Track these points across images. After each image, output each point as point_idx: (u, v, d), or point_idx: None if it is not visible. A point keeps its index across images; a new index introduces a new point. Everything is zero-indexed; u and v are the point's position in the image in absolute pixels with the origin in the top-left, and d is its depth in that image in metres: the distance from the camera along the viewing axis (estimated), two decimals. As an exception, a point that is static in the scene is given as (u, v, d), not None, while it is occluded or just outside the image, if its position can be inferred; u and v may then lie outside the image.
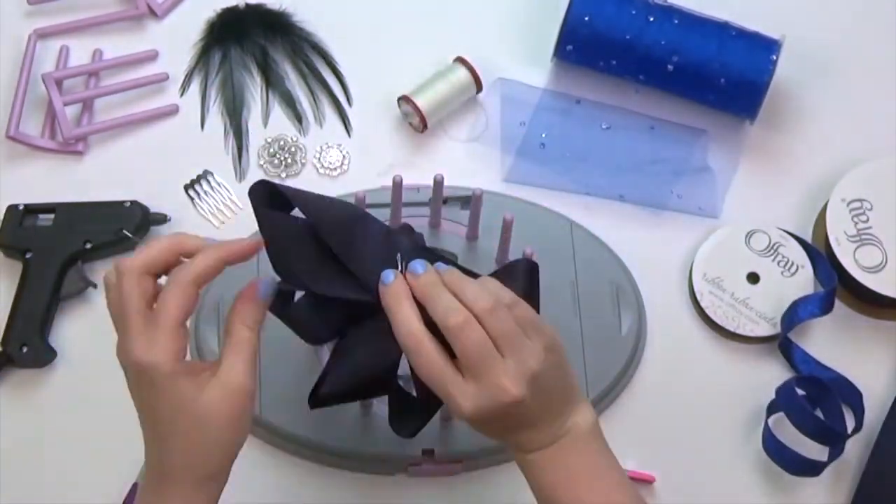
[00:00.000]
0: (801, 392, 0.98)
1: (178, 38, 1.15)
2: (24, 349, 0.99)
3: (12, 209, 1.05)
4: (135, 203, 1.05)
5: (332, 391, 0.77)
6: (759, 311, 1.03)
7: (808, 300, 1.02)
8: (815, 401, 0.99)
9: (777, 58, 1.06)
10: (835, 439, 0.96)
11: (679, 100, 1.11)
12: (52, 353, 1.00)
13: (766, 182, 1.10)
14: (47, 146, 1.09)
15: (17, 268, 1.03)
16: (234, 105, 1.11)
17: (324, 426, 0.97)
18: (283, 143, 1.10)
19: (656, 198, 1.08)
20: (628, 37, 1.07)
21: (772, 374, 1.02)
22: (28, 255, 1.02)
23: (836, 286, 1.01)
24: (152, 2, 1.15)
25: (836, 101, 1.13)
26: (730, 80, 1.07)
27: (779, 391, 0.98)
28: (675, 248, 1.07)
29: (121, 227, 1.03)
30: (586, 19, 1.08)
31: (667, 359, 1.03)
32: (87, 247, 1.03)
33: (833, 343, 1.03)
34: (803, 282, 1.04)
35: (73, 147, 1.09)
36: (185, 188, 1.08)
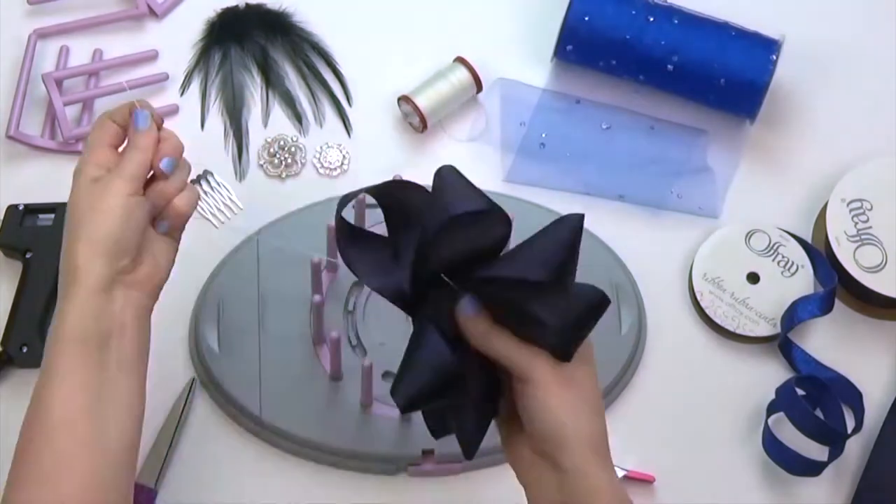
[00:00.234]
0: (801, 392, 0.98)
1: (178, 38, 1.15)
2: (24, 349, 0.99)
3: (12, 209, 1.05)
4: (135, 203, 1.05)
5: (408, 394, 0.76)
6: (759, 311, 1.03)
7: (808, 300, 1.02)
8: (815, 401, 0.99)
9: (777, 58, 1.06)
10: (835, 439, 0.96)
11: (679, 100, 1.11)
12: (52, 353, 1.00)
13: (766, 182, 1.10)
14: (47, 146, 1.09)
15: (17, 268, 1.03)
16: (234, 105, 1.11)
17: (324, 426, 0.97)
18: (283, 143, 1.10)
19: (656, 198, 1.08)
20: (628, 37, 1.07)
21: (772, 374, 1.02)
22: (28, 255, 1.02)
23: (836, 286, 1.01)
24: (152, 2, 1.15)
25: (836, 101, 1.13)
26: (730, 80, 1.07)
27: (779, 391, 0.98)
28: (675, 248, 1.07)
29: (121, 227, 1.03)
30: (586, 19, 1.08)
31: (667, 359, 1.03)
32: (87, 247, 1.03)
33: (833, 343, 1.03)
34: (803, 282, 1.04)
35: (73, 147, 1.09)
36: (185, 188, 1.08)
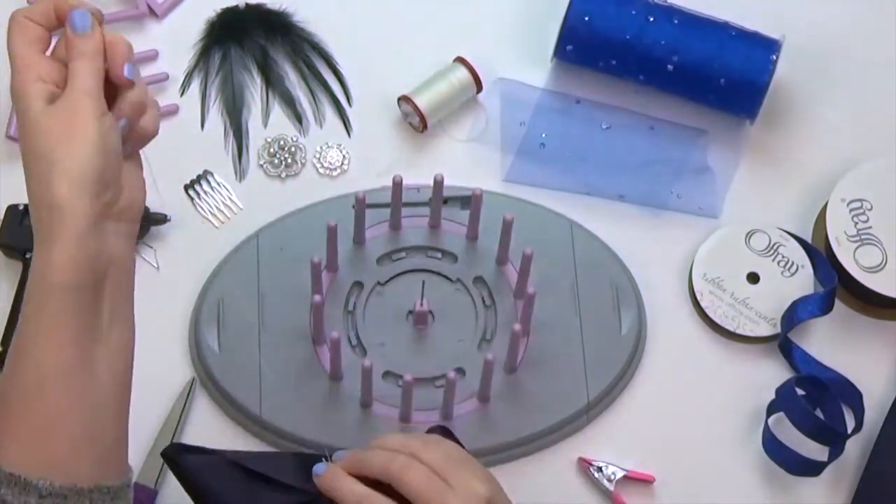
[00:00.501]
0: (801, 392, 0.98)
1: (178, 38, 1.14)
2: (24, 349, 0.99)
3: (12, 209, 1.05)
4: (135, 203, 1.05)
5: None
6: (759, 311, 1.03)
7: (808, 300, 1.01)
8: (815, 401, 0.99)
9: (777, 58, 1.06)
10: (835, 439, 0.96)
11: (679, 100, 1.11)
12: (52, 353, 1.00)
13: (766, 182, 1.10)
14: (47, 146, 1.09)
15: (17, 268, 1.03)
16: (234, 105, 1.11)
17: (324, 426, 0.97)
18: (283, 143, 1.10)
19: (656, 198, 1.08)
20: (628, 37, 1.07)
21: (772, 374, 1.02)
22: (28, 255, 1.02)
23: (836, 286, 1.01)
24: (152, 2, 1.15)
25: (836, 101, 1.13)
26: (730, 80, 1.07)
27: (779, 391, 0.98)
28: (675, 248, 1.07)
29: (121, 227, 1.03)
30: (586, 19, 1.08)
31: (667, 359, 1.03)
32: (87, 247, 1.03)
33: (833, 343, 1.03)
34: (803, 282, 1.04)
35: (73, 147, 1.09)
36: (185, 188, 1.08)
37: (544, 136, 1.11)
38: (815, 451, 0.97)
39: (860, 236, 1.03)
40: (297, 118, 1.11)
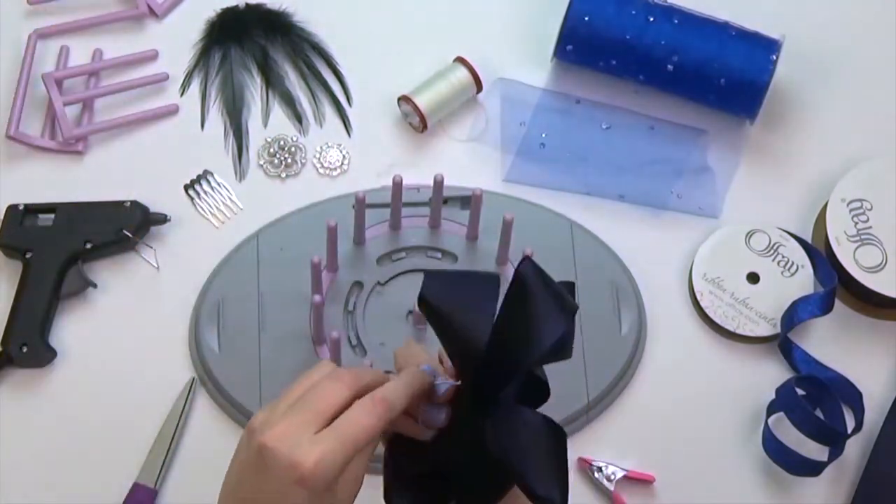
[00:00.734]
0: (801, 392, 0.98)
1: (178, 38, 1.15)
2: (24, 349, 0.99)
3: (12, 209, 1.05)
4: (135, 203, 1.05)
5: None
6: (759, 311, 1.03)
7: (808, 300, 1.02)
8: (815, 401, 0.99)
9: (777, 58, 1.06)
10: (835, 439, 0.96)
11: (679, 100, 1.11)
12: (52, 353, 1.00)
13: (766, 182, 1.10)
14: (47, 146, 1.09)
15: (17, 268, 1.03)
16: (234, 105, 1.11)
17: (324, 426, 0.97)
18: (283, 143, 1.10)
19: (656, 198, 1.08)
20: (628, 37, 1.07)
21: (772, 374, 1.02)
22: (28, 255, 1.02)
23: (836, 286, 1.01)
24: (152, 2, 1.15)
25: (836, 101, 1.13)
26: (730, 80, 1.07)
27: (779, 391, 0.98)
28: (675, 248, 1.07)
29: (121, 227, 1.03)
30: (586, 19, 1.08)
31: (667, 359, 1.03)
32: (87, 247, 1.03)
33: (833, 343, 1.03)
34: (803, 282, 1.04)
35: (73, 147, 1.09)
36: (185, 188, 1.08)
37: (544, 136, 1.11)
38: (815, 451, 0.97)
39: (860, 236, 1.03)
40: (297, 118, 1.11)
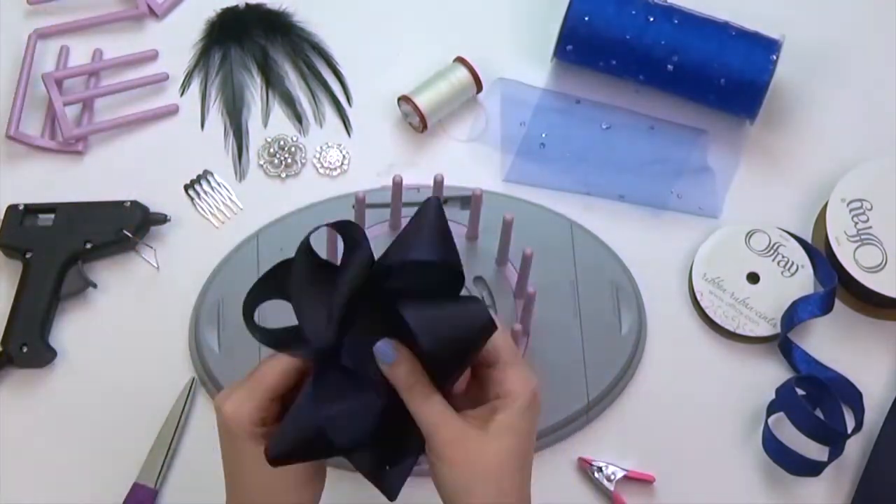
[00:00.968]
0: (801, 392, 0.98)
1: (178, 38, 1.15)
2: (24, 349, 0.99)
3: (12, 209, 1.05)
4: (135, 203, 1.05)
5: (286, 448, 0.74)
6: (759, 311, 1.03)
7: (808, 300, 1.02)
8: (815, 401, 0.99)
9: (777, 58, 1.06)
10: (835, 439, 0.96)
11: (679, 100, 1.11)
12: (52, 353, 1.00)
13: (766, 182, 1.10)
14: (47, 146, 1.09)
15: (17, 268, 1.03)
16: (234, 105, 1.11)
17: (324, 426, 0.97)
18: (283, 143, 1.10)
19: (656, 198, 1.08)
20: (628, 37, 1.07)
21: (772, 374, 1.02)
22: (28, 255, 1.02)
23: (836, 286, 1.01)
24: (152, 2, 1.15)
25: (836, 101, 1.13)
26: (730, 80, 1.07)
27: (779, 391, 0.98)
28: (675, 248, 1.07)
29: (121, 227, 1.03)
30: (586, 19, 1.08)
31: (667, 359, 1.03)
32: (87, 247, 1.03)
33: (833, 343, 1.03)
34: (803, 282, 1.04)
35: (73, 147, 1.09)
36: (185, 188, 1.08)
37: (544, 136, 1.11)
38: (815, 451, 0.97)
39: (860, 236, 1.03)
40: (297, 118, 1.11)
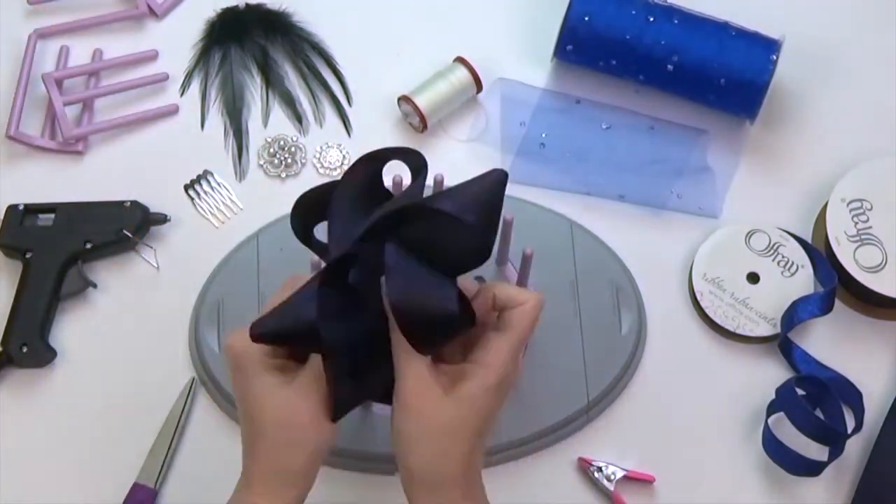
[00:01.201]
0: (801, 392, 0.98)
1: (178, 38, 1.15)
2: (24, 349, 0.99)
3: (12, 209, 1.05)
4: (135, 203, 1.05)
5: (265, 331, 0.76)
6: (759, 311, 1.03)
7: (808, 300, 1.02)
8: (815, 401, 0.99)
9: (777, 58, 1.06)
10: (835, 439, 0.96)
11: (679, 100, 1.11)
12: (52, 353, 1.00)
13: (766, 182, 1.10)
14: (47, 146, 1.09)
15: (17, 268, 1.03)
16: (234, 105, 1.11)
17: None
18: (283, 143, 1.10)
19: (656, 198, 1.08)
20: (628, 37, 1.07)
21: (772, 374, 1.02)
22: (28, 255, 1.02)
23: (836, 286, 1.01)
24: (152, 2, 1.15)
25: (836, 101, 1.13)
26: (730, 80, 1.07)
27: (779, 391, 0.98)
28: (675, 248, 1.07)
29: (121, 227, 1.03)
30: (586, 19, 1.08)
31: (667, 359, 1.03)
32: (87, 247, 1.03)
33: (833, 343, 1.03)
34: (803, 282, 1.04)
35: (73, 147, 1.09)
36: (185, 188, 1.08)
37: (544, 136, 1.11)
38: (815, 451, 0.97)
39: (860, 236, 1.03)
40: (297, 118, 1.11)
